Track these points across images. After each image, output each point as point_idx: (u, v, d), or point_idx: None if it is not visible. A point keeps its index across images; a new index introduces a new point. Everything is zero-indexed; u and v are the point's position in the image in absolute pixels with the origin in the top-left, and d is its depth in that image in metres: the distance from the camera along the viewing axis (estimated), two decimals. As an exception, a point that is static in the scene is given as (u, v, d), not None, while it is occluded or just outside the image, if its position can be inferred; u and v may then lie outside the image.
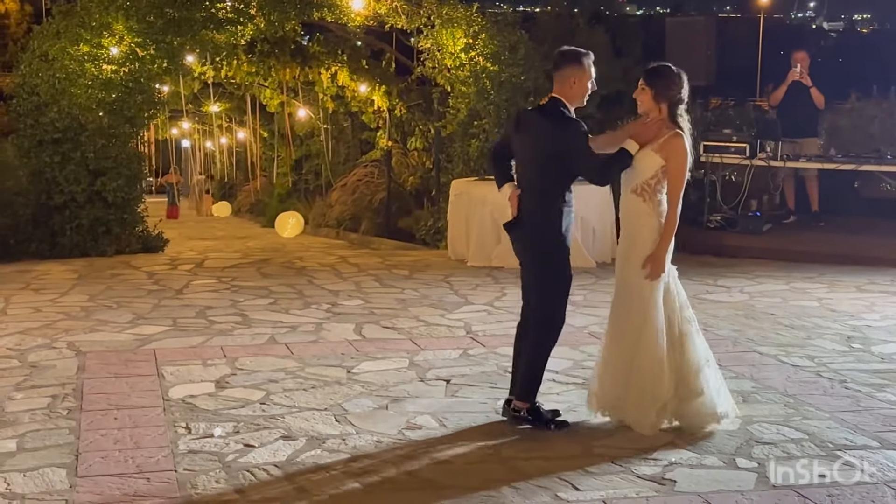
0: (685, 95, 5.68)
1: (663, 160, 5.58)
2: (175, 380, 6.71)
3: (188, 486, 4.87)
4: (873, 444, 5.41)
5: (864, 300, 9.38)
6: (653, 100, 5.65)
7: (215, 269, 11.76)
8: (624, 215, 5.78)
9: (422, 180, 16.18)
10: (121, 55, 12.74)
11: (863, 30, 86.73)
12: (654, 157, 5.60)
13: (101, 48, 12.65)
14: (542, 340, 5.83)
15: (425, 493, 4.81)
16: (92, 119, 12.64)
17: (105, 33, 12.62)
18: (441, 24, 13.56)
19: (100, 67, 12.66)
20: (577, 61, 5.73)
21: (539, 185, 5.76)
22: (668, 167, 5.58)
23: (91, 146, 12.55)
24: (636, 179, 5.66)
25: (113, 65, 12.73)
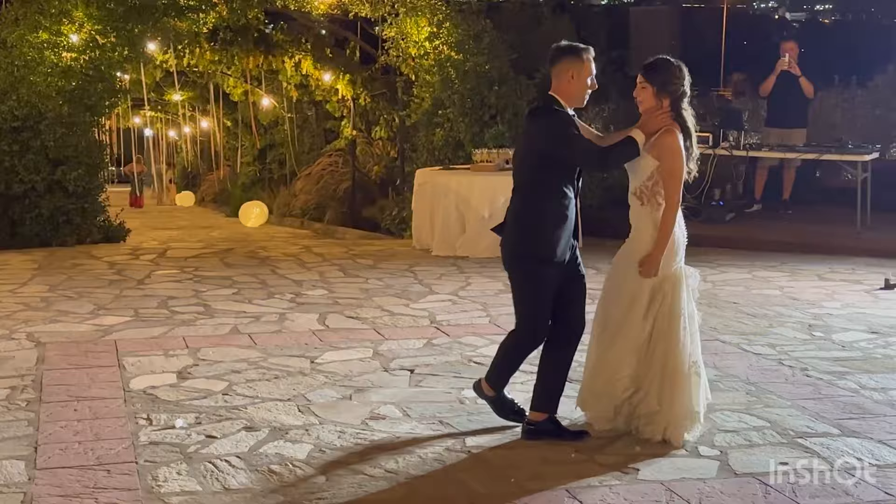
0: (688, 88, 5.36)
1: (656, 160, 5.27)
2: (136, 371, 6.66)
3: (149, 478, 4.82)
4: (834, 431, 5.45)
5: (825, 289, 9.45)
6: (655, 96, 5.29)
7: (178, 259, 11.68)
8: (631, 218, 5.46)
9: (386, 170, 16.14)
10: (81, 43, 12.61)
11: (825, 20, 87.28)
12: (647, 158, 5.28)
13: (60, 35, 12.52)
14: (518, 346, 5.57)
15: (389, 483, 4.79)
16: (51, 107, 12.49)
17: (65, 20, 12.49)
18: (405, 13, 13.52)
19: (59, 55, 12.53)
20: (576, 55, 5.32)
21: (522, 187, 5.42)
22: (661, 167, 5.26)
23: (51, 135, 12.40)
24: (634, 182, 5.37)
25: (73, 52, 12.61)
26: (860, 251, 11.23)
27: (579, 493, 4.66)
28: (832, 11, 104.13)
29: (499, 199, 11.24)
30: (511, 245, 5.48)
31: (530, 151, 5.42)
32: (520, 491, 4.70)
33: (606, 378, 5.44)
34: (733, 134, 12.68)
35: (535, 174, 5.36)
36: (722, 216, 12.79)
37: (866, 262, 10.73)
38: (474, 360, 6.91)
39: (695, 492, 4.65)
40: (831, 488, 4.69)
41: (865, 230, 11.86)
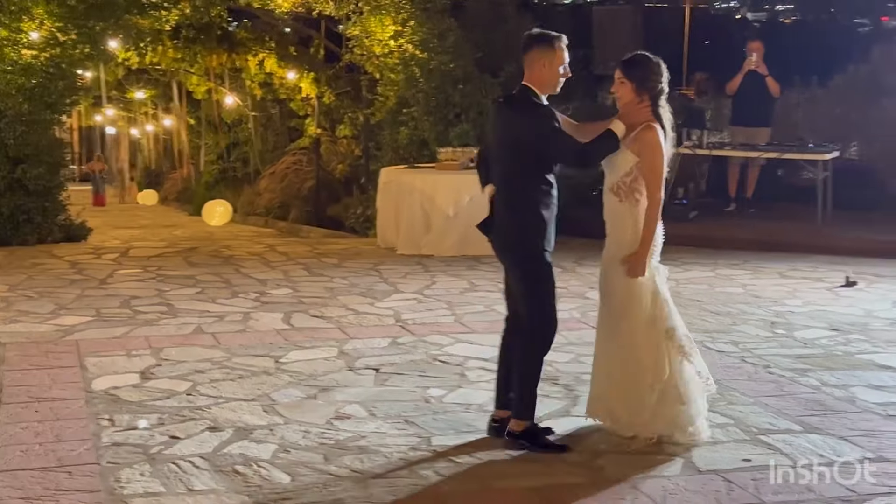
0: (666, 86, 5.34)
1: (636, 156, 5.19)
2: (98, 371, 6.58)
3: (111, 480, 4.77)
4: (796, 428, 5.47)
5: (786, 286, 9.52)
6: (634, 92, 5.25)
7: (140, 258, 11.60)
8: (606, 215, 5.42)
9: (351, 168, 16.12)
10: (41, 40, 12.47)
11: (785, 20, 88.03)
12: (626, 153, 5.22)
13: (20, 32, 12.36)
14: (530, 344, 5.33)
15: (353, 483, 4.76)
16: (11, 105, 12.34)
17: (24, 17, 12.34)
18: (370, 11, 13.50)
19: (19, 52, 12.38)
20: (548, 43, 5.25)
21: (510, 181, 5.33)
22: (642, 164, 5.19)
23: (10, 133, 12.26)
24: (611, 178, 5.30)
25: (33, 50, 12.46)
26: (821, 249, 11.30)
27: (546, 490, 4.66)
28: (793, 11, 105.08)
29: (464, 198, 11.27)
30: (513, 239, 5.35)
31: (515, 143, 5.29)
32: (487, 490, 4.70)
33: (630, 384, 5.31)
34: (696, 133, 12.75)
35: (523, 166, 5.27)
36: (685, 214, 12.85)
37: (827, 259, 10.81)
38: (439, 359, 6.89)
39: (660, 489, 4.66)
40: (794, 485, 4.71)
41: (826, 228, 11.97)
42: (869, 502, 4.49)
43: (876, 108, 14.55)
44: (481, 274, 10.05)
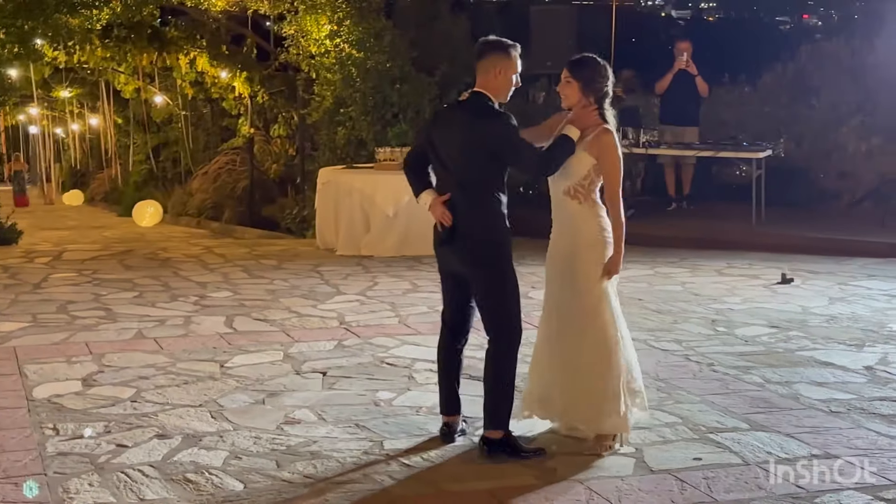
0: (611, 89, 5.40)
1: (595, 159, 5.25)
2: (39, 378, 6.48)
3: (59, 491, 4.69)
4: (743, 426, 5.55)
5: (724, 284, 9.65)
6: (580, 92, 5.30)
7: (75, 262, 11.44)
8: (559, 219, 5.43)
9: (285, 168, 16.03)
10: (-32, 40, 12.25)
11: (710, 18, 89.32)
12: (584, 156, 5.25)
13: (-54, 31, 12.15)
14: (506, 351, 5.30)
15: (307, 489, 4.74)
16: (-63, 105, 12.12)
17: (-49, 16, 12.12)
18: (305, 10, 13.45)
19: (-55, 52, 12.16)
20: (504, 51, 5.27)
21: (474, 189, 5.26)
22: (602, 166, 5.23)
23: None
24: (568, 181, 5.32)
25: (-40, 49, 12.24)
26: (756, 246, 11.48)
27: (500, 493, 4.67)
28: (716, 9, 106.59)
29: (403, 198, 11.26)
30: (482, 251, 5.26)
31: (476, 150, 5.23)
32: (441, 493, 4.70)
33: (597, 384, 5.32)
34: (631, 131, 12.85)
35: (484, 173, 5.25)
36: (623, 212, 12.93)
37: (763, 256, 10.98)
38: (387, 362, 6.89)
39: (613, 489, 4.70)
40: (744, 482, 4.77)
41: (761, 225, 12.16)
42: (818, 499, 4.56)
43: (804, 106, 14.83)
44: (423, 274, 10.06)
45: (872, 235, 11.70)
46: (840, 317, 8.17)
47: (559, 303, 5.48)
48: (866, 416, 5.68)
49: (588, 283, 5.33)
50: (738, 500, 4.56)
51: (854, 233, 11.87)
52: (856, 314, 8.26)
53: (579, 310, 5.37)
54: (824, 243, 11.43)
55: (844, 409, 5.82)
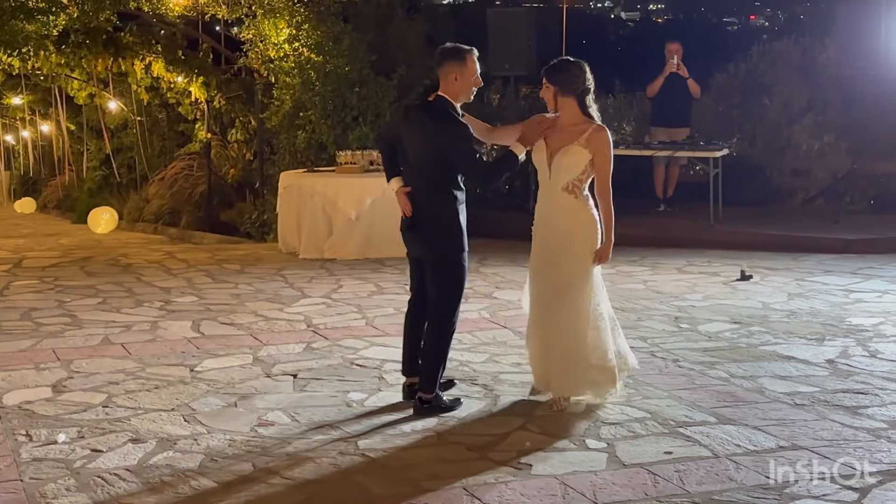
0: (591, 85, 5.81)
1: (591, 154, 5.69)
2: (7, 386, 6.46)
3: (37, 496, 4.71)
4: (711, 419, 5.65)
5: (685, 281, 9.76)
6: (555, 97, 5.78)
7: (35, 269, 11.34)
8: (555, 213, 5.84)
9: (243, 172, 15.95)
10: (-78, 46, 12.11)
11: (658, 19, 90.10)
12: (582, 152, 5.70)
13: None
14: (440, 330, 5.90)
15: (284, 489, 4.78)
16: None
17: None
18: (263, 14, 13.41)
19: None
20: (459, 57, 5.74)
21: (431, 184, 5.81)
22: (596, 160, 5.70)
23: None
24: (567, 177, 5.76)
25: (-87, 56, 12.10)
26: (715, 244, 11.60)
27: (476, 490, 4.73)
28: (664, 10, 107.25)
29: (365, 201, 11.30)
30: (434, 242, 5.86)
31: (437, 152, 5.77)
32: (418, 491, 4.74)
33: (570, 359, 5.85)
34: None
35: (440, 172, 5.78)
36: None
37: (721, 254, 11.10)
38: (356, 363, 6.93)
39: (588, 484, 4.77)
40: (715, 474, 4.86)
41: (718, 223, 12.30)
42: (788, 489, 4.67)
43: (757, 105, 15.02)
44: (387, 276, 10.09)
45: (827, 232, 11.87)
46: (800, 312, 8.32)
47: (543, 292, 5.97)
48: (830, 408, 5.81)
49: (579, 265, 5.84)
50: (709, 492, 4.65)
51: (809, 230, 12.05)
52: (815, 309, 8.41)
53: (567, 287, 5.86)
54: (781, 240, 11.59)
55: (808, 401, 5.95)
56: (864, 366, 6.69)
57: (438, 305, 5.91)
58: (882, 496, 4.56)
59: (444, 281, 5.87)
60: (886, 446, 5.18)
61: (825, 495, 4.58)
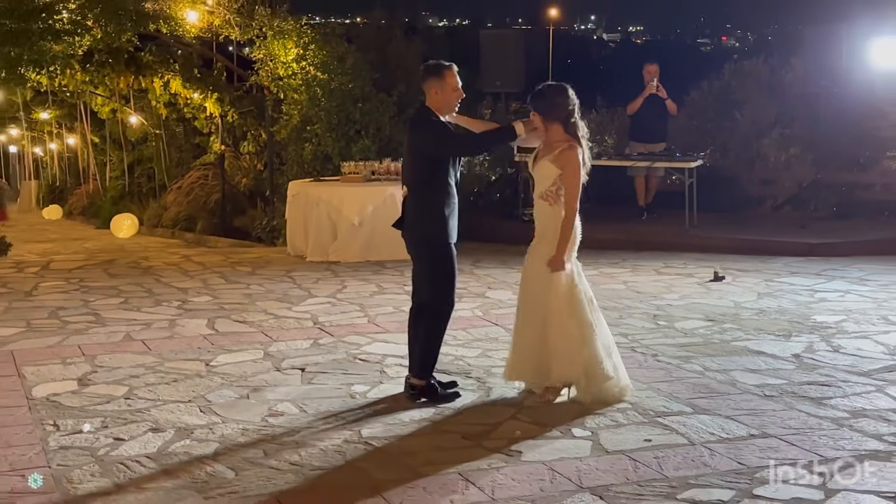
0: (574, 107, 5.82)
1: (559, 170, 5.74)
2: (37, 379, 6.44)
3: (64, 482, 4.69)
4: (687, 409, 5.64)
5: (663, 282, 9.76)
6: (543, 122, 5.79)
7: (62, 271, 11.32)
8: (538, 218, 5.94)
9: (255, 182, 15.94)
10: (-42, 66, 12.11)
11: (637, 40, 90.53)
12: (550, 167, 5.77)
13: (-64, 59, 12.00)
14: (431, 320, 5.91)
15: (293, 475, 4.77)
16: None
17: (-60, 44, 11.97)
18: (273, 36, 13.42)
19: (-65, 77, 12.01)
20: (435, 73, 5.85)
21: (416, 186, 5.89)
22: (564, 176, 5.75)
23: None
24: (540, 187, 5.86)
25: (-51, 75, 12.09)
26: (690, 248, 11.60)
27: (471, 475, 4.71)
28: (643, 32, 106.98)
29: (367, 208, 11.30)
30: (420, 235, 5.91)
31: (417, 156, 5.91)
32: (416, 476, 4.72)
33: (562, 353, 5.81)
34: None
35: (424, 174, 5.86)
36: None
37: (695, 257, 11.10)
38: (360, 358, 6.92)
39: (574, 469, 4.77)
40: (691, 460, 4.86)
41: (693, 229, 12.31)
42: (758, 474, 4.66)
43: (728, 120, 15.03)
44: (387, 277, 10.08)
45: (793, 236, 11.88)
46: (768, 310, 8.32)
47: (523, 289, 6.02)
48: (797, 399, 5.80)
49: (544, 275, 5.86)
50: (686, 477, 4.64)
51: (777, 234, 12.05)
52: (782, 307, 8.41)
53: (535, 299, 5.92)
54: (751, 244, 11.60)
55: (777, 392, 5.94)
56: (827, 360, 6.69)
57: (428, 296, 5.92)
58: (844, 481, 4.56)
59: (432, 272, 5.90)
60: (849, 434, 5.18)
61: (793, 480, 4.57)
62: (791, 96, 14.65)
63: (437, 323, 5.95)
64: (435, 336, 5.95)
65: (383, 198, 11.31)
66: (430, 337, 5.93)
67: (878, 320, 7.86)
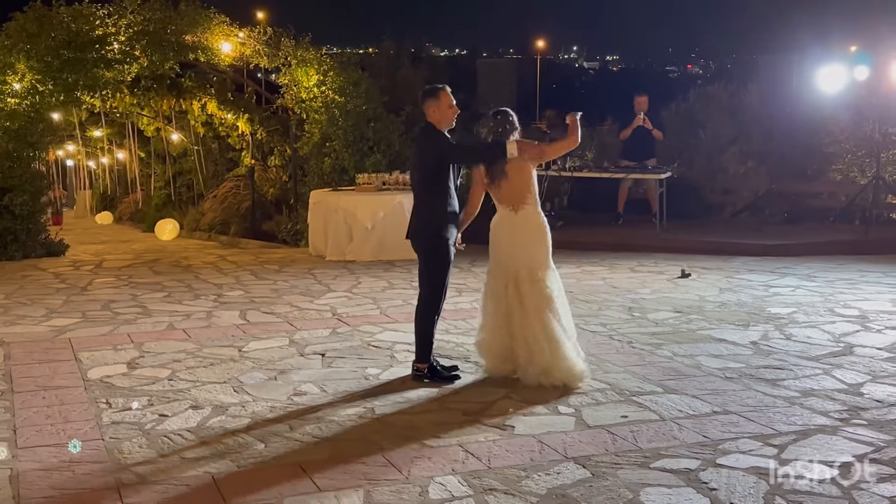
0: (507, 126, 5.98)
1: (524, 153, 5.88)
2: (91, 363, 6.43)
3: (115, 452, 4.67)
4: (658, 390, 5.63)
5: (637, 279, 9.76)
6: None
7: (113, 269, 11.31)
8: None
9: (280, 191, 15.93)
10: (23, 90, 12.08)
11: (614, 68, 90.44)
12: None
13: (5, 84, 11.99)
14: (424, 311, 5.91)
15: (316, 447, 4.76)
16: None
17: (9, 72, 11.97)
18: (296, 64, 13.40)
19: (5, 101, 12.00)
20: (432, 95, 5.87)
21: (419, 190, 5.91)
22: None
23: (-1, 167, 11.89)
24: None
25: (16, 98, 12.07)
26: (660, 249, 11.61)
27: (469, 446, 4.70)
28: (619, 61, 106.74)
29: (379, 213, 11.30)
30: (420, 234, 5.89)
31: (419, 165, 5.91)
32: (422, 447, 4.72)
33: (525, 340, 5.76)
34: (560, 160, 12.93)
35: (427, 180, 5.85)
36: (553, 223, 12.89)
37: (665, 257, 11.12)
38: (373, 345, 6.91)
39: (560, 441, 4.76)
40: (662, 434, 4.84)
41: (664, 232, 12.30)
42: (720, 445, 4.65)
43: (693, 137, 15.04)
44: (397, 275, 10.08)
45: (751, 239, 11.89)
46: (729, 303, 8.31)
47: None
48: (754, 381, 5.80)
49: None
50: (657, 448, 4.63)
51: (736, 237, 12.06)
52: (741, 301, 8.40)
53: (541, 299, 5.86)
54: (713, 246, 11.61)
55: (737, 375, 5.94)
56: (781, 346, 6.68)
57: (424, 287, 5.92)
58: (797, 451, 4.56)
59: (429, 267, 5.87)
60: (800, 411, 5.18)
61: (751, 450, 4.57)
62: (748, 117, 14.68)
63: (431, 313, 5.91)
64: (429, 325, 5.91)
65: (393, 205, 11.30)
66: (425, 326, 5.91)
67: (825, 312, 7.86)
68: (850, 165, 13.49)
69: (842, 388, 5.63)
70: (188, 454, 4.65)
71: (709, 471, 4.31)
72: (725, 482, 4.17)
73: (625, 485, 4.16)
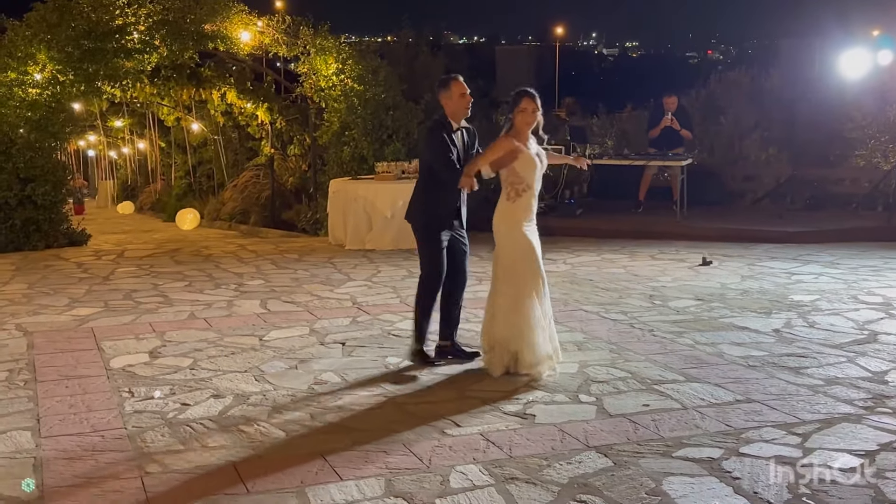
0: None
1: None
2: (113, 352, 6.46)
3: (138, 441, 4.69)
4: (680, 378, 5.60)
5: (658, 266, 9.70)
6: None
7: (135, 259, 11.36)
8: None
9: (300, 180, 15.94)
10: (44, 80, 12.13)
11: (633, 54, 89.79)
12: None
13: (26, 75, 12.03)
14: (421, 293, 6.02)
15: (337, 435, 4.76)
16: (21, 134, 12.00)
17: (30, 62, 12.01)
18: (315, 52, 13.37)
19: (26, 91, 12.05)
20: (444, 86, 5.94)
21: (419, 180, 6.11)
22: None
23: (21, 158, 11.94)
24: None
25: (37, 88, 12.12)
26: (681, 236, 11.54)
27: (491, 435, 4.69)
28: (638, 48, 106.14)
29: (398, 202, 11.27)
30: (414, 219, 6.05)
31: (421, 156, 6.23)
32: (443, 436, 4.71)
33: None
34: (580, 146, 12.89)
35: (426, 172, 6.04)
36: (573, 211, 13.00)
37: (686, 244, 11.05)
38: (392, 333, 6.90)
39: (581, 430, 4.74)
40: (685, 423, 4.81)
41: (684, 220, 12.23)
42: (743, 434, 4.62)
43: (714, 124, 14.93)
44: (416, 263, 9.82)
45: (772, 226, 11.80)
46: (751, 291, 8.25)
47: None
48: (777, 369, 5.75)
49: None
50: (680, 437, 4.61)
51: (758, 224, 11.97)
52: (763, 288, 8.34)
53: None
54: (734, 233, 11.53)
55: (759, 363, 5.89)
56: (804, 334, 6.63)
57: (421, 272, 6.04)
58: (820, 440, 4.52)
59: (422, 251, 5.99)
60: (823, 399, 5.13)
61: (774, 439, 4.53)
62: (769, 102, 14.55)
63: (424, 294, 5.99)
64: (425, 306, 5.99)
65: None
66: (421, 307, 6.00)
67: (849, 299, 7.78)
68: (874, 151, 13.36)
69: (866, 375, 5.57)
70: (210, 442, 4.66)
71: (732, 460, 4.28)
72: (749, 471, 4.14)
73: (647, 474, 4.14)
